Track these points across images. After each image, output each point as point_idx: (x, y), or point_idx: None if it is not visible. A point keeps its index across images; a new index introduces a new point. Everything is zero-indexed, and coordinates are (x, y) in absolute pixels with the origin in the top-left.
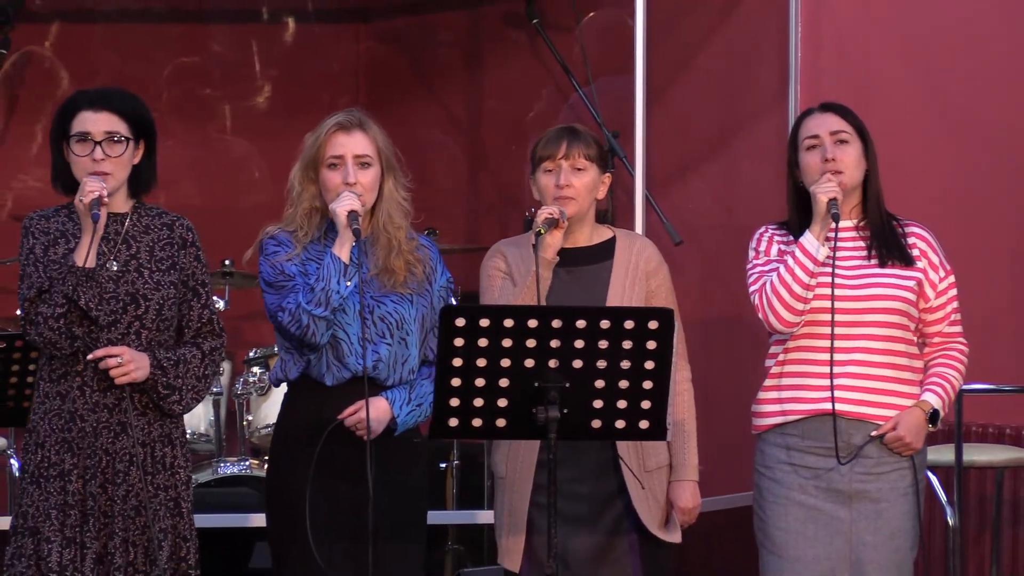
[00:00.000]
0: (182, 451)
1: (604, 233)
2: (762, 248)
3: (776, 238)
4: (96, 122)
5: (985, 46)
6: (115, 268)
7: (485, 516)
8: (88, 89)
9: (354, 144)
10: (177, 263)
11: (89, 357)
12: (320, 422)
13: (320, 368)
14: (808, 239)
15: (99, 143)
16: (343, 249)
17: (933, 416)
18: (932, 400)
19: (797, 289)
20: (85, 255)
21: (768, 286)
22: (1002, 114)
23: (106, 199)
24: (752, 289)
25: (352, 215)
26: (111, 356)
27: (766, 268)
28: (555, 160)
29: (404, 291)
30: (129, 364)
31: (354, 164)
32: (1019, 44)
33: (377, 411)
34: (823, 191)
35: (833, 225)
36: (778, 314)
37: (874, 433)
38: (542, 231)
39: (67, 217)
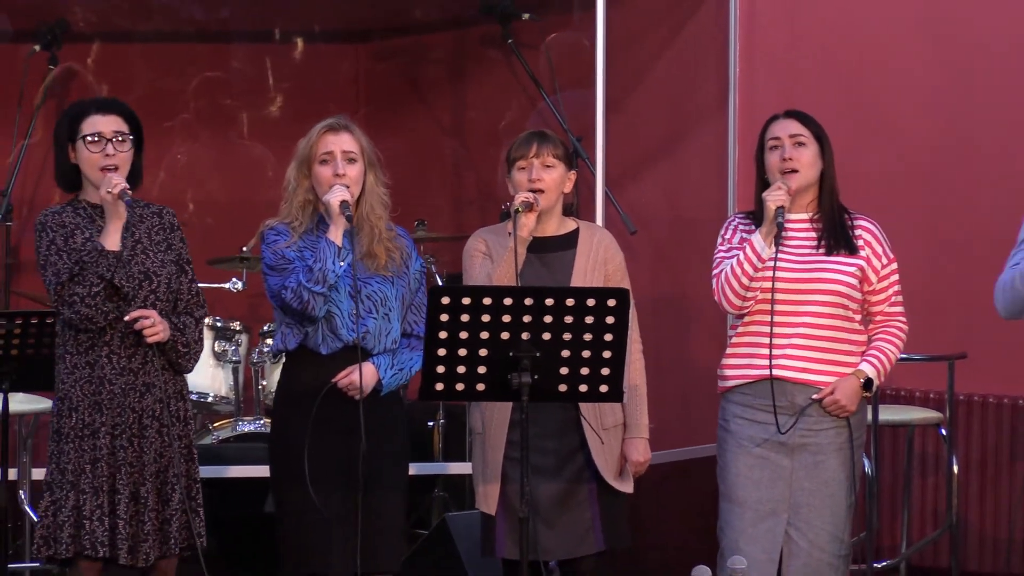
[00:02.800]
0: (190, 406)
1: (569, 225)
2: (727, 236)
3: (741, 227)
4: (106, 123)
5: (896, 62)
6: (124, 253)
7: (467, 467)
8: (89, 98)
9: (342, 142)
10: (171, 245)
11: (127, 318)
12: (317, 385)
13: (316, 339)
14: (756, 240)
15: (109, 140)
16: (337, 234)
17: (867, 383)
18: (868, 370)
19: (744, 280)
20: (114, 240)
21: (722, 275)
22: (910, 121)
23: (130, 190)
24: (713, 272)
25: (344, 204)
26: (144, 317)
27: (727, 255)
28: (527, 159)
29: (386, 273)
30: (158, 325)
31: (342, 159)
32: (926, 59)
33: (367, 374)
34: (772, 199)
35: (776, 231)
36: (728, 298)
37: (814, 396)
38: (519, 210)
39: (73, 212)
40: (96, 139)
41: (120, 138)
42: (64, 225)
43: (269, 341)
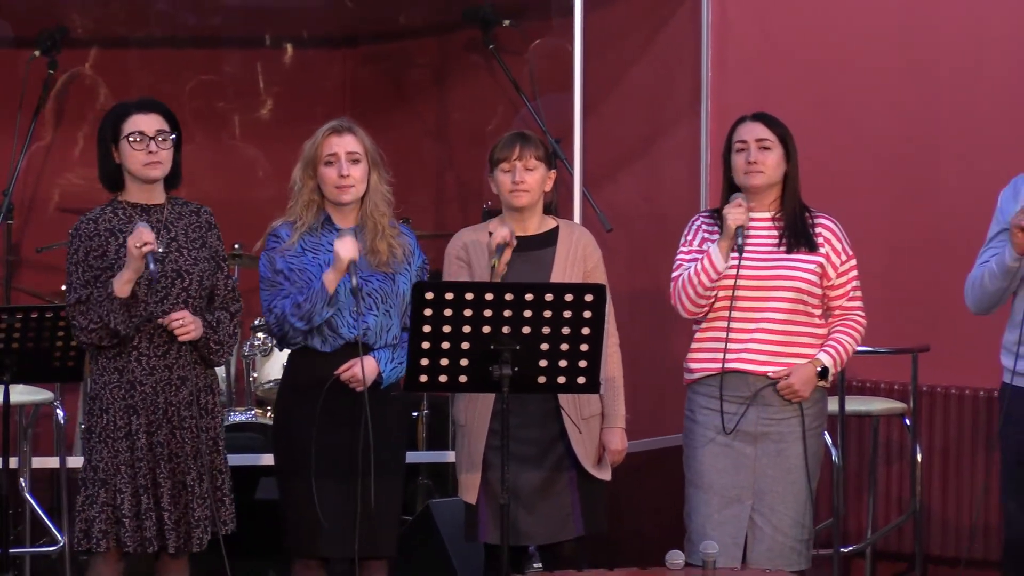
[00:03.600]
0: (219, 399)
1: (549, 223)
2: (689, 238)
3: (704, 227)
4: (149, 122)
5: (862, 64)
6: (161, 250)
7: (451, 456)
8: (131, 100)
9: (346, 144)
10: (207, 242)
11: (161, 321)
12: (319, 380)
13: (317, 339)
14: (715, 253)
15: (152, 139)
16: (333, 281)
17: (823, 372)
18: (824, 359)
19: (700, 290)
20: (124, 288)
21: (680, 281)
22: (876, 121)
23: (158, 251)
24: (672, 275)
25: (353, 265)
26: (175, 321)
27: (688, 259)
28: (510, 161)
29: (387, 270)
30: (190, 324)
31: (347, 160)
32: (892, 62)
33: (368, 368)
34: (732, 218)
35: (739, 244)
36: (684, 305)
37: (771, 374)
38: (495, 263)
39: (112, 213)
40: (139, 138)
41: (162, 136)
42: (97, 235)
43: (260, 335)
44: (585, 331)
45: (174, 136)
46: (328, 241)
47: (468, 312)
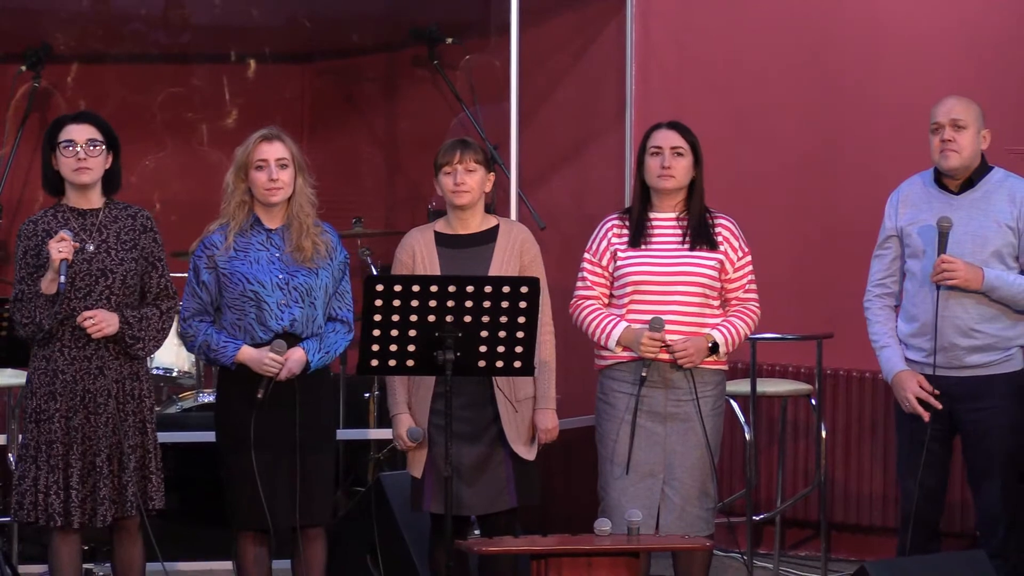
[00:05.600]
0: (147, 385)
1: (490, 221)
2: (596, 246)
3: (613, 231)
4: (80, 132)
5: (770, 77)
6: (91, 249)
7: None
8: (68, 113)
9: (275, 151)
10: (139, 243)
11: (77, 320)
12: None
13: (249, 337)
14: (613, 339)
15: (81, 146)
16: (243, 356)
17: (714, 346)
18: (715, 334)
19: (590, 335)
20: (48, 287)
21: (579, 315)
22: (781, 130)
23: (71, 259)
24: (576, 292)
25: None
26: (87, 320)
27: (584, 294)
28: (452, 164)
29: (312, 265)
30: (101, 323)
31: (276, 165)
32: (796, 77)
33: (297, 360)
34: (644, 351)
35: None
36: (578, 327)
37: (668, 339)
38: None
39: (52, 216)
40: (69, 145)
41: (92, 144)
42: (35, 235)
43: None
44: (521, 320)
45: (105, 144)
46: (257, 241)
47: (415, 303)
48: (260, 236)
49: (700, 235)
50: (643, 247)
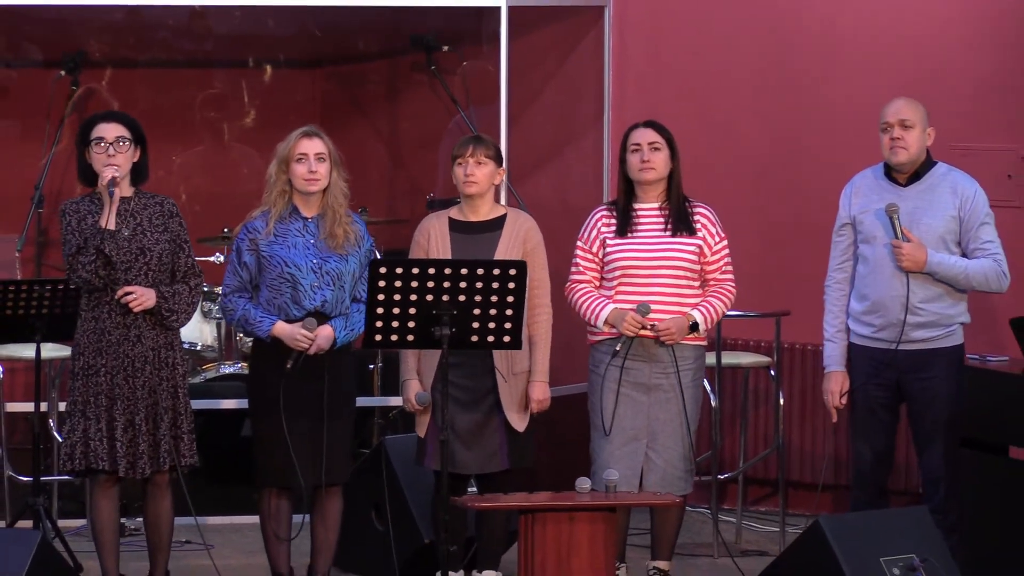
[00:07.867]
0: (180, 355)
1: (499, 210)
2: (587, 235)
3: (602, 221)
4: (109, 130)
5: (738, 79)
6: (126, 233)
7: (397, 401)
8: (99, 112)
9: (314, 146)
10: (168, 227)
11: (117, 295)
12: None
13: (284, 316)
14: (602, 318)
15: (111, 143)
16: (279, 331)
17: (694, 325)
18: (695, 314)
19: (582, 316)
20: (106, 220)
21: (574, 297)
22: (748, 127)
23: (119, 179)
24: (571, 276)
25: (297, 355)
26: (128, 293)
27: (577, 278)
28: (464, 157)
29: (342, 252)
30: (141, 296)
31: (315, 159)
32: (762, 79)
33: (325, 336)
34: (625, 328)
35: (616, 349)
36: (572, 309)
37: (651, 318)
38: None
39: (90, 202)
40: (100, 142)
41: (121, 141)
42: (79, 212)
43: None
44: (510, 299)
45: (132, 141)
46: (295, 228)
47: (414, 284)
48: (298, 223)
49: (680, 222)
50: (629, 235)
